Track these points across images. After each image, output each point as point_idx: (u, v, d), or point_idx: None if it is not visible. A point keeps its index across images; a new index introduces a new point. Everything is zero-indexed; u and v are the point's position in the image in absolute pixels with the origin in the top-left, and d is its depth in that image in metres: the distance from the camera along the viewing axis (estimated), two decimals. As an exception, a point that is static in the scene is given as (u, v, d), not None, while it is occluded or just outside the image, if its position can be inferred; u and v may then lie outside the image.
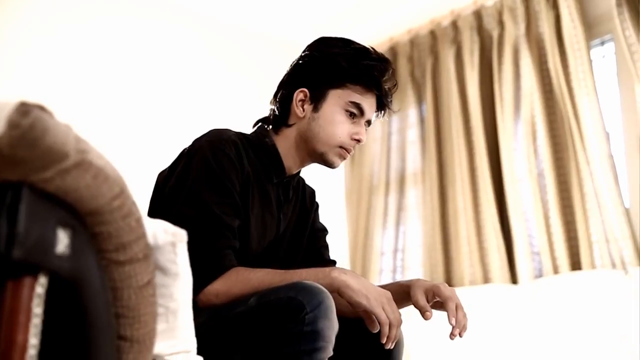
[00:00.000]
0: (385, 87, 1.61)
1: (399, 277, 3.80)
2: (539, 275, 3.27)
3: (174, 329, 1.07)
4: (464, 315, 1.46)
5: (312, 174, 1.86)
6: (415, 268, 3.74)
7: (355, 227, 4.00)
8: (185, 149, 1.54)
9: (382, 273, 3.87)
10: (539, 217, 3.27)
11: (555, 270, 3.19)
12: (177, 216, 1.41)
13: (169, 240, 1.00)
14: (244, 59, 3.90)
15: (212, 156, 1.46)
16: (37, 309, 0.80)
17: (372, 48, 1.62)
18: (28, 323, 0.78)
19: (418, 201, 3.81)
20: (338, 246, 3.94)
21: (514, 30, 3.50)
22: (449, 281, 3.56)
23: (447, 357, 3.12)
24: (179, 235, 1.02)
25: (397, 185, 3.91)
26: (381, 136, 4.01)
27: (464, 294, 3.28)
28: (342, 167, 4.11)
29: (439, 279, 3.54)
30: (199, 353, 1.20)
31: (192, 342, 1.15)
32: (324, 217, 1.84)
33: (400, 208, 3.88)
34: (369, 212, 3.95)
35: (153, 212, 1.52)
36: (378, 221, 3.90)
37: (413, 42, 3.97)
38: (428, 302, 1.48)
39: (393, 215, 3.88)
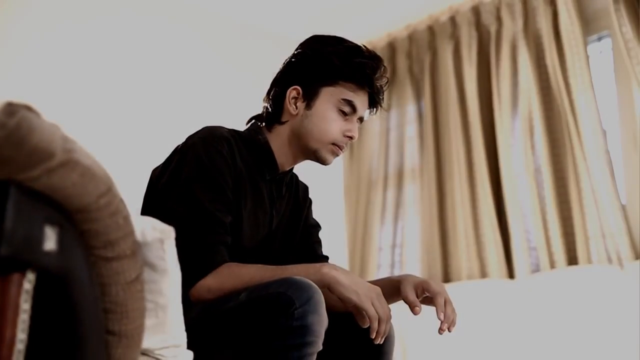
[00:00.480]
0: (378, 84, 1.63)
1: (397, 272, 3.81)
2: (536, 270, 3.28)
3: (164, 324, 1.09)
4: (453, 310, 1.48)
5: (310, 170, 1.86)
6: (413, 263, 3.75)
7: (353, 222, 4.01)
8: (179, 145, 1.56)
9: (380, 268, 3.88)
10: (536, 212, 3.28)
11: (552, 266, 3.20)
12: (170, 212, 1.44)
13: (157, 237, 1.02)
14: (239, 53, 3.88)
15: (205, 153, 1.48)
16: (25, 305, 0.82)
17: (364, 46, 1.64)
18: (16, 318, 0.80)
19: (416, 197, 3.82)
20: (336, 241, 3.95)
21: (512, 26, 3.51)
22: (447, 276, 3.57)
23: (444, 351, 3.14)
24: (167, 232, 1.04)
25: (395, 180, 3.92)
26: (379, 132, 4.02)
27: (462, 289, 3.30)
28: (341, 162, 4.12)
29: (437, 274, 3.56)
30: (190, 348, 1.21)
31: (182, 337, 1.16)
32: (323, 213, 1.85)
33: (398, 204, 3.89)
34: (368, 207, 3.96)
35: (147, 208, 1.54)
36: (376, 217, 3.91)
37: (411, 38, 3.97)
38: (417, 297, 1.50)
39: (391, 211, 3.90)
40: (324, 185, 3.89)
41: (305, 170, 1.83)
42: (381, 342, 1.41)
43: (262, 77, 1.78)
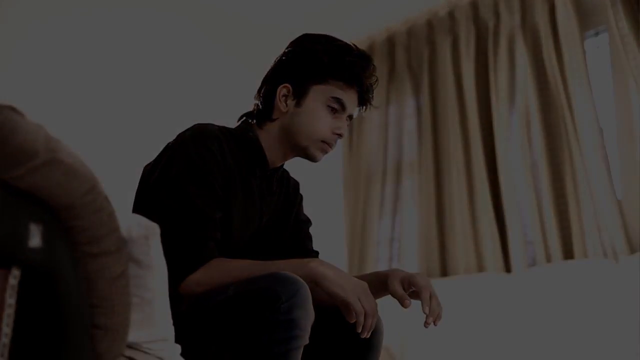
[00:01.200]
0: (367, 82, 1.65)
1: (396, 266, 3.83)
2: (532, 263, 3.29)
3: (151, 318, 1.12)
4: (438, 304, 1.51)
5: (308, 164, 1.87)
6: (410, 256, 3.77)
7: (352, 216, 4.03)
8: (170, 143, 1.58)
9: (379, 262, 3.91)
10: (533, 206, 3.29)
11: (548, 259, 3.22)
12: (160, 208, 1.46)
13: (142, 233, 1.05)
14: (236, 49, 3.88)
15: (195, 150, 1.50)
16: (11, 300, 0.84)
17: (353, 45, 1.66)
18: (1, 313, 0.83)
19: (414, 190, 3.84)
20: (335, 235, 3.98)
21: (510, 21, 3.51)
22: (444, 269, 3.59)
23: (442, 345, 3.16)
24: (152, 229, 1.07)
25: (394, 174, 3.94)
26: (378, 126, 4.03)
27: (459, 283, 3.33)
28: (340, 156, 4.14)
29: (434, 267, 3.58)
30: (179, 341, 1.24)
31: (170, 331, 1.19)
32: (322, 206, 1.85)
33: (396, 197, 3.91)
34: (366, 201, 3.98)
35: (138, 204, 1.57)
36: (375, 210, 3.93)
37: (410, 32, 3.98)
38: (404, 291, 1.53)
39: (389, 205, 3.91)
40: (323, 179, 3.91)
41: (303, 165, 1.84)
42: (368, 336, 1.43)
43: (258, 72, 1.79)
